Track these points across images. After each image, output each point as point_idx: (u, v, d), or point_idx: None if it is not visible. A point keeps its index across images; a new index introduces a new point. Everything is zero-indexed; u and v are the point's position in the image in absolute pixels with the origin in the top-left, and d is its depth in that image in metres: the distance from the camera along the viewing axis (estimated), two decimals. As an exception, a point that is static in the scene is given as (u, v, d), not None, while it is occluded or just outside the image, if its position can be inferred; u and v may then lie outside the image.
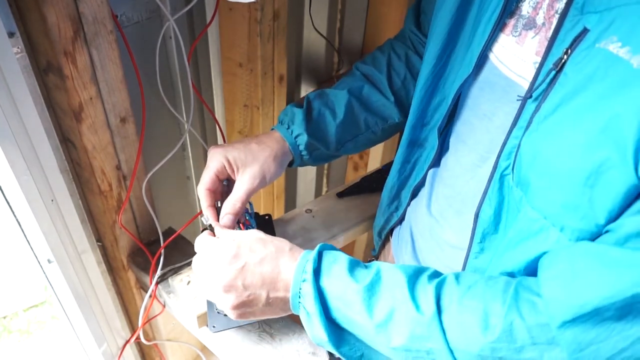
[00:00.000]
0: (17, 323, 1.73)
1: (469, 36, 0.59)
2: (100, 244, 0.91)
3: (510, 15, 0.53)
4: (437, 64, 0.65)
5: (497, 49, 0.55)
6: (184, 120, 0.98)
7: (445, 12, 0.62)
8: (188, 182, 1.14)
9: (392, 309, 0.51)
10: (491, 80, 0.57)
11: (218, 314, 0.73)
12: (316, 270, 0.55)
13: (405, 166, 0.76)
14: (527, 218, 0.50)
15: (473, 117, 0.61)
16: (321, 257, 0.56)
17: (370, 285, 0.53)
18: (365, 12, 1.39)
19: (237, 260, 0.57)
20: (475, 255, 0.60)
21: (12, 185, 0.69)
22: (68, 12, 0.60)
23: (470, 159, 0.61)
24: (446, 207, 0.67)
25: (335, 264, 0.56)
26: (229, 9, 0.88)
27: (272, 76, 0.95)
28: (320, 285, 0.55)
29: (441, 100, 0.67)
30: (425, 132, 0.71)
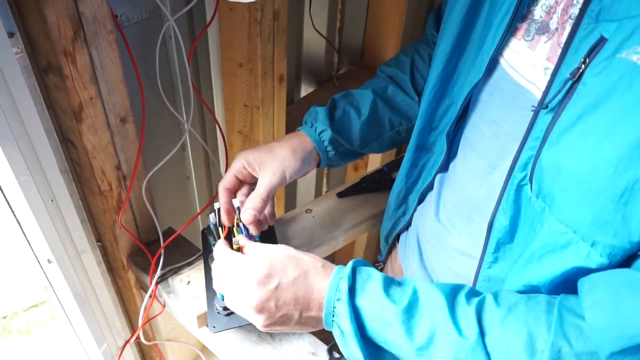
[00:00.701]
0: (17, 323, 1.73)
1: (479, 40, 0.59)
2: (100, 244, 0.91)
3: (521, 20, 0.52)
4: (445, 68, 0.65)
5: (508, 53, 0.54)
6: (184, 120, 0.98)
7: (455, 15, 0.61)
8: (188, 182, 1.14)
9: (432, 332, 0.50)
10: (501, 86, 0.56)
11: (218, 314, 0.73)
12: (351, 289, 0.54)
13: (413, 170, 0.75)
14: (553, 231, 0.48)
15: (482, 122, 0.60)
16: (355, 274, 0.55)
17: (409, 306, 0.52)
18: (365, 12, 1.39)
19: (269, 281, 0.56)
20: (488, 265, 0.59)
21: (12, 185, 0.69)
22: (68, 12, 0.60)
23: (479, 165, 0.60)
24: (455, 214, 0.66)
25: (369, 282, 0.54)
26: (229, 9, 0.88)
27: (272, 76, 0.95)
28: (355, 305, 0.53)
29: (450, 104, 0.66)
30: (433, 136, 0.71)
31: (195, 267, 0.85)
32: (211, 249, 0.75)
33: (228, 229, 0.73)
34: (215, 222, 0.74)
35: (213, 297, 0.74)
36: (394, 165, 1.02)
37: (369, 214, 0.93)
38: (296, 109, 1.27)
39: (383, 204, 0.95)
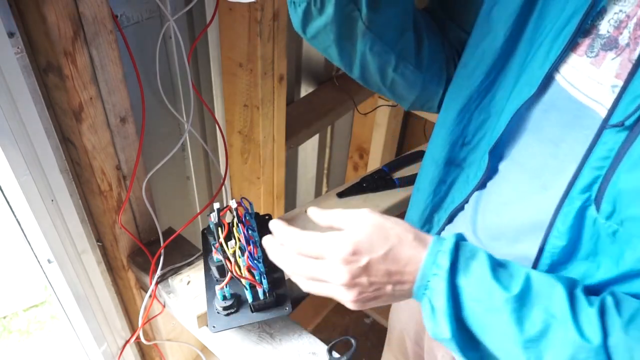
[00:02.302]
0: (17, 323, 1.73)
1: (526, 54, 0.55)
2: (100, 244, 0.91)
3: (584, 35, 0.49)
4: (484, 81, 0.61)
5: (566, 70, 0.51)
6: (184, 120, 0.98)
7: (499, 26, 0.57)
8: (188, 182, 1.14)
9: (547, 325, 0.47)
10: (558, 104, 0.53)
11: (218, 314, 0.73)
12: (452, 265, 0.50)
13: (441, 187, 0.70)
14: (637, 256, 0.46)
15: (535, 141, 0.56)
16: (457, 250, 0.51)
17: (521, 294, 0.48)
18: (365, 12, 1.39)
19: (358, 258, 0.52)
20: None
21: (12, 185, 0.69)
22: (68, 12, 0.60)
23: (531, 185, 0.57)
24: (498, 236, 0.61)
25: (474, 261, 0.50)
26: (229, 9, 0.88)
27: (272, 76, 0.95)
28: (456, 283, 0.50)
29: (485, 118, 0.63)
30: (464, 151, 0.66)
31: (195, 267, 0.85)
32: (211, 249, 0.75)
33: (228, 229, 0.73)
34: (216, 222, 0.74)
35: (213, 297, 0.74)
36: (394, 165, 1.02)
37: (369, 214, 0.93)
38: (296, 109, 1.27)
39: (383, 204, 0.95)
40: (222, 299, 0.72)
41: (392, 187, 0.97)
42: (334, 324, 2.02)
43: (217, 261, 0.74)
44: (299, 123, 1.22)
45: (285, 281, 0.76)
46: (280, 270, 0.78)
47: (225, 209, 0.78)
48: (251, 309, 0.73)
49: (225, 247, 0.71)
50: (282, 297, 0.74)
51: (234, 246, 0.71)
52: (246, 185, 1.12)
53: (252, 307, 0.73)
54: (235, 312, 0.73)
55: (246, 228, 0.75)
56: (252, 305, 0.73)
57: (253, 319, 0.73)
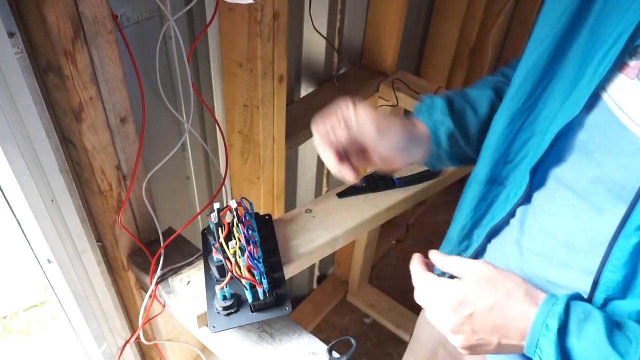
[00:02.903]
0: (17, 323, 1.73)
1: (572, 73, 0.55)
2: (100, 244, 0.91)
3: (633, 56, 0.48)
4: (528, 99, 0.61)
5: (615, 91, 0.50)
6: (184, 120, 0.98)
7: (542, 47, 0.58)
8: (188, 182, 1.14)
9: None
10: (603, 126, 0.52)
11: (218, 314, 0.73)
12: (561, 328, 0.50)
13: (482, 204, 0.70)
14: None
15: (580, 162, 0.55)
16: (568, 311, 0.51)
17: None
18: (365, 12, 1.39)
19: (462, 308, 0.54)
20: None
21: (12, 185, 0.69)
22: (68, 12, 0.60)
23: (580, 207, 0.56)
24: (547, 259, 0.60)
25: (588, 323, 0.50)
26: (229, 9, 0.88)
27: (272, 76, 0.95)
28: (566, 346, 0.49)
29: (529, 137, 0.62)
30: (507, 170, 0.66)
31: (195, 267, 0.85)
32: (211, 249, 0.75)
33: (228, 229, 0.74)
34: (216, 222, 0.74)
35: (213, 297, 0.74)
36: (394, 165, 1.02)
37: (369, 214, 0.93)
38: (296, 109, 1.27)
39: (383, 204, 0.95)
40: (222, 299, 0.72)
41: (392, 187, 0.97)
42: (334, 324, 2.03)
43: (217, 261, 0.74)
44: (299, 123, 1.22)
45: (285, 281, 0.76)
46: (280, 270, 0.78)
47: (225, 209, 0.78)
48: (251, 309, 0.73)
49: (226, 247, 0.71)
50: (282, 297, 0.74)
51: (234, 246, 0.71)
52: (246, 185, 1.12)
53: (252, 307, 0.73)
54: (235, 312, 0.73)
55: (246, 228, 0.75)
56: (252, 305, 0.73)
57: (253, 319, 0.73)
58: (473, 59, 1.96)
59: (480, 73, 1.99)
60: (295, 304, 1.96)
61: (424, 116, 0.71)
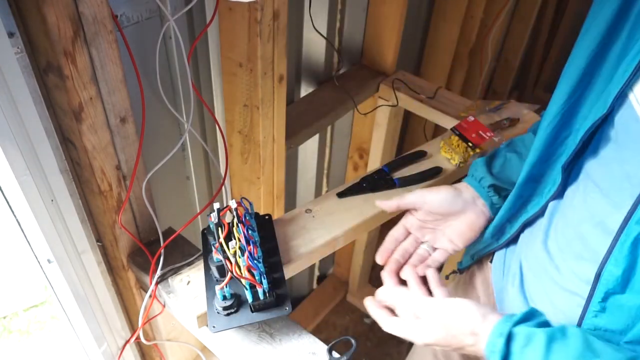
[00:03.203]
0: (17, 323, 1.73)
1: (608, 74, 0.57)
2: (100, 244, 0.91)
3: None
4: (569, 100, 0.64)
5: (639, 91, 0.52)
6: (184, 120, 0.98)
7: (585, 45, 0.60)
8: (188, 182, 1.14)
9: None
10: (628, 125, 0.54)
11: (218, 314, 0.73)
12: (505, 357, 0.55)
13: (518, 201, 0.74)
14: None
15: (612, 161, 0.58)
16: (509, 343, 0.56)
17: None
18: (365, 12, 1.39)
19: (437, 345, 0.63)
20: (594, 313, 0.58)
21: (12, 185, 0.69)
22: (68, 12, 0.60)
23: (601, 203, 0.58)
24: (565, 248, 0.64)
25: (528, 348, 0.54)
26: (229, 9, 0.88)
27: (272, 76, 0.95)
28: None
29: (568, 135, 0.65)
30: (544, 168, 0.70)
31: (195, 267, 0.85)
32: (211, 249, 0.75)
33: (228, 229, 0.74)
34: (216, 222, 0.74)
35: (213, 297, 0.74)
36: (394, 165, 1.02)
37: (369, 214, 0.93)
38: (296, 109, 1.27)
39: (383, 204, 0.95)
40: (222, 299, 0.72)
41: (392, 187, 0.97)
42: (334, 324, 2.03)
43: (217, 261, 0.74)
44: (299, 123, 1.22)
45: (285, 281, 0.76)
46: (280, 270, 0.78)
47: (225, 209, 0.78)
48: (251, 309, 0.73)
49: (225, 247, 0.71)
50: (282, 297, 0.74)
51: (234, 246, 0.71)
52: (246, 185, 1.12)
53: (252, 307, 0.73)
54: (235, 312, 0.73)
55: (246, 228, 0.75)
56: (252, 305, 0.73)
57: (253, 319, 0.73)
58: (473, 59, 1.96)
59: (480, 73, 1.99)
60: (295, 304, 1.96)
61: (469, 179, 0.80)
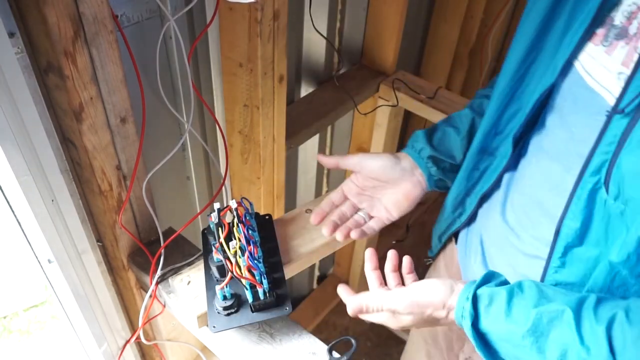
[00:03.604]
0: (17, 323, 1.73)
1: (554, 46, 0.59)
2: (100, 244, 0.91)
3: (600, 25, 0.53)
4: (516, 73, 0.66)
5: (584, 58, 0.55)
6: (184, 120, 0.98)
7: (530, 21, 0.62)
8: (188, 182, 1.14)
9: (564, 350, 0.52)
10: (574, 91, 0.57)
11: (218, 314, 0.73)
12: (474, 322, 0.58)
13: (474, 174, 0.76)
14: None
15: (557, 127, 0.61)
16: (476, 303, 0.59)
17: (534, 327, 0.54)
18: (365, 12, 1.39)
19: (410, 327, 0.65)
20: (554, 269, 0.60)
21: (12, 185, 0.69)
22: (68, 12, 0.60)
23: (554, 169, 0.61)
24: (522, 216, 0.66)
25: (492, 307, 0.57)
26: (229, 9, 0.88)
27: (272, 76, 0.95)
28: (481, 330, 0.58)
29: (517, 109, 0.67)
30: (497, 141, 0.72)
31: (195, 267, 0.85)
32: (211, 248, 0.75)
33: (228, 229, 0.74)
34: (216, 222, 0.74)
35: (213, 297, 0.74)
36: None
37: (369, 214, 0.93)
38: (296, 109, 1.27)
39: (383, 204, 0.95)
40: (222, 299, 0.72)
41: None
42: (334, 324, 2.03)
43: (218, 261, 0.74)
44: (299, 123, 1.22)
45: (285, 281, 0.76)
46: (280, 270, 0.78)
47: (226, 209, 0.78)
48: (251, 309, 0.73)
49: (226, 247, 0.71)
50: (282, 297, 0.74)
51: (234, 246, 0.71)
52: (246, 185, 1.12)
53: (252, 307, 0.73)
54: (236, 312, 0.73)
55: (246, 228, 0.75)
56: (252, 305, 0.73)
57: (253, 319, 0.73)
58: (473, 59, 1.96)
59: (481, 73, 1.99)
60: (295, 304, 1.96)
61: (409, 150, 0.82)
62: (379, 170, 0.79)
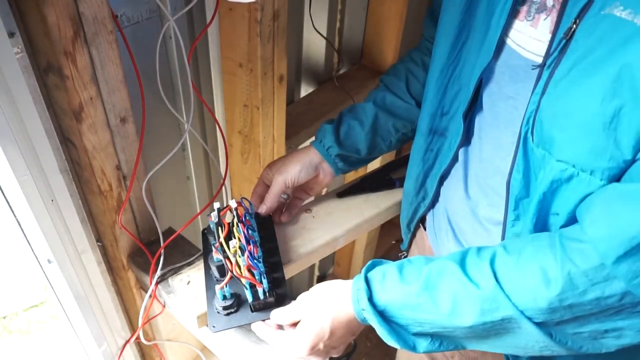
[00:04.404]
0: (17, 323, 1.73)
1: (482, 27, 0.64)
2: (100, 244, 0.91)
3: (522, 3, 0.59)
4: (450, 56, 0.70)
5: (513, 34, 0.60)
6: (184, 120, 0.98)
7: (454, 8, 0.68)
8: (188, 182, 1.14)
9: (454, 296, 0.57)
10: (511, 64, 0.62)
11: (218, 314, 0.73)
12: (370, 297, 0.61)
13: (429, 155, 0.79)
14: (555, 171, 0.55)
15: (499, 100, 0.65)
16: (368, 282, 0.62)
17: (425, 283, 0.58)
18: (365, 12, 1.39)
19: (317, 347, 0.65)
20: (512, 224, 0.63)
21: (12, 185, 0.69)
22: (68, 12, 0.60)
23: (504, 138, 0.65)
24: (485, 187, 0.70)
25: (385, 280, 0.61)
26: (229, 9, 0.88)
27: (272, 76, 0.95)
28: (378, 304, 0.60)
29: (459, 89, 0.71)
30: (445, 121, 0.75)
31: (195, 267, 0.85)
32: (211, 248, 0.75)
33: (228, 229, 0.74)
34: (216, 222, 0.74)
35: (213, 296, 0.74)
36: (394, 165, 1.02)
37: (369, 214, 0.93)
38: (296, 109, 1.27)
39: (383, 204, 0.95)
40: (222, 298, 0.72)
41: (392, 187, 0.97)
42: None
43: (217, 261, 0.74)
44: (299, 123, 1.22)
45: (285, 281, 0.76)
46: (280, 270, 0.78)
47: (226, 209, 0.78)
48: (251, 309, 0.73)
49: (226, 246, 0.71)
50: (282, 296, 0.74)
51: (234, 245, 0.71)
52: (246, 186, 1.12)
53: (252, 307, 0.73)
54: (235, 312, 0.73)
55: (246, 228, 0.75)
56: (252, 305, 0.73)
57: (253, 318, 0.73)
58: (473, 59, 1.95)
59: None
60: (295, 304, 1.96)
61: (317, 145, 0.87)
62: (302, 177, 0.85)
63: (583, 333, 0.55)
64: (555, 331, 0.55)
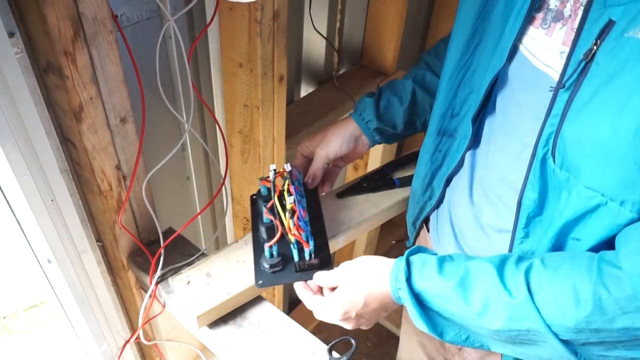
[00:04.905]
0: (17, 323, 1.73)
1: (497, 30, 0.63)
2: (100, 244, 0.91)
3: (538, 9, 0.58)
4: (462, 58, 0.70)
5: (527, 41, 0.59)
6: (184, 120, 0.98)
7: (470, 9, 0.67)
8: (188, 182, 1.14)
9: (487, 298, 0.57)
10: (522, 71, 0.61)
11: (264, 271, 0.76)
12: (408, 279, 0.63)
13: (437, 155, 0.80)
14: (581, 197, 0.54)
15: (508, 106, 0.65)
16: (409, 264, 0.64)
17: (461, 281, 0.59)
18: (365, 12, 1.39)
19: (349, 314, 0.69)
20: (520, 240, 0.63)
21: (12, 185, 0.69)
22: (68, 12, 0.60)
23: (511, 146, 0.64)
24: (490, 194, 0.70)
25: (425, 267, 0.63)
26: (229, 9, 0.88)
27: (272, 76, 0.95)
28: (415, 287, 0.62)
29: (470, 91, 0.71)
30: (455, 122, 0.75)
31: (196, 267, 0.85)
32: (260, 212, 0.79)
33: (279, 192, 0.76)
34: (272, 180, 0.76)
35: (260, 255, 0.77)
36: (394, 165, 1.02)
37: (369, 214, 0.93)
38: (296, 108, 1.27)
39: (383, 204, 0.95)
40: (269, 256, 0.75)
41: (392, 187, 0.97)
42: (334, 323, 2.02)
43: (267, 222, 0.77)
44: (299, 123, 1.23)
45: (328, 246, 0.80)
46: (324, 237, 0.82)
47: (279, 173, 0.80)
48: (296, 269, 0.75)
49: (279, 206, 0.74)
50: (325, 260, 0.76)
51: (292, 202, 0.73)
52: (246, 185, 1.12)
53: (297, 267, 0.75)
54: (281, 271, 0.76)
55: (295, 193, 0.76)
56: (298, 265, 0.75)
57: (297, 278, 0.75)
58: (473, 59, 1.95)
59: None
60: (295, 304, 1.96)
61: (357, 118, 0.90)
62: (343, 149, 0.89)
63: (609, 357, 0.54)
64: (581, 351, 0.55)
